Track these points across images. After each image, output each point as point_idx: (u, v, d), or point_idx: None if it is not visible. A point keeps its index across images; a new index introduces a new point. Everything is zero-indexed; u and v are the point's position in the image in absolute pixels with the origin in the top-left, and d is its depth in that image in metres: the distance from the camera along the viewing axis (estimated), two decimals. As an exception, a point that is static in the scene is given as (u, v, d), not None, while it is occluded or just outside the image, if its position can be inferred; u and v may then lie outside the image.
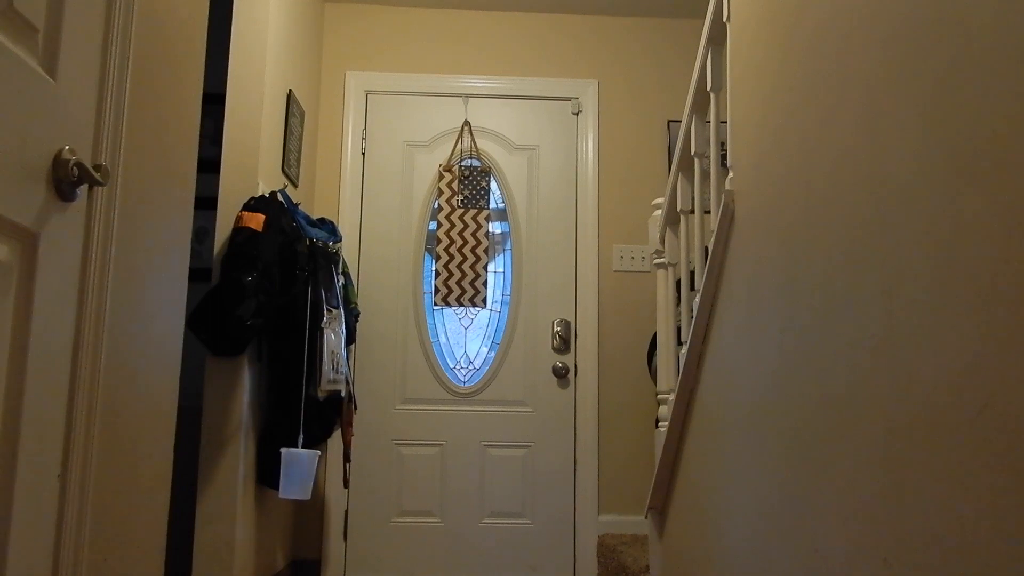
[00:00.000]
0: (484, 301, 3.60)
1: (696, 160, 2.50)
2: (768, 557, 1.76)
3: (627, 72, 3.92)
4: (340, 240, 3.14)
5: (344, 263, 3.22)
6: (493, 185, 3.75)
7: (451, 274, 3.59)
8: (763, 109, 1.94)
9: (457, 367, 3.67)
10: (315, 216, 3.14)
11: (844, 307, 1.42)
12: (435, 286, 3.60)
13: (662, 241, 2.80)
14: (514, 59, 3.89)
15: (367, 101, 3.79)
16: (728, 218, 2.10)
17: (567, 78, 3.89)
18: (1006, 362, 0.96)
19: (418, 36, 3.86)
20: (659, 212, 2.83)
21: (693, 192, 2.57)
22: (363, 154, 3.75)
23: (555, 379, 3.61)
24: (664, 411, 2.60)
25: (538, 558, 3.50)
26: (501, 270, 3.73)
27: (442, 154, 3.76)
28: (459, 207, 3.65)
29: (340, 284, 3.03)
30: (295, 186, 3.23)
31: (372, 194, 3.72)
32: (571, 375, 3.61)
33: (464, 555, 3.49)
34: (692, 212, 2.59)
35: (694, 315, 2.30)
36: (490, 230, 3.67)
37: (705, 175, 2.45)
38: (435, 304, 3.60)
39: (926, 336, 1.14)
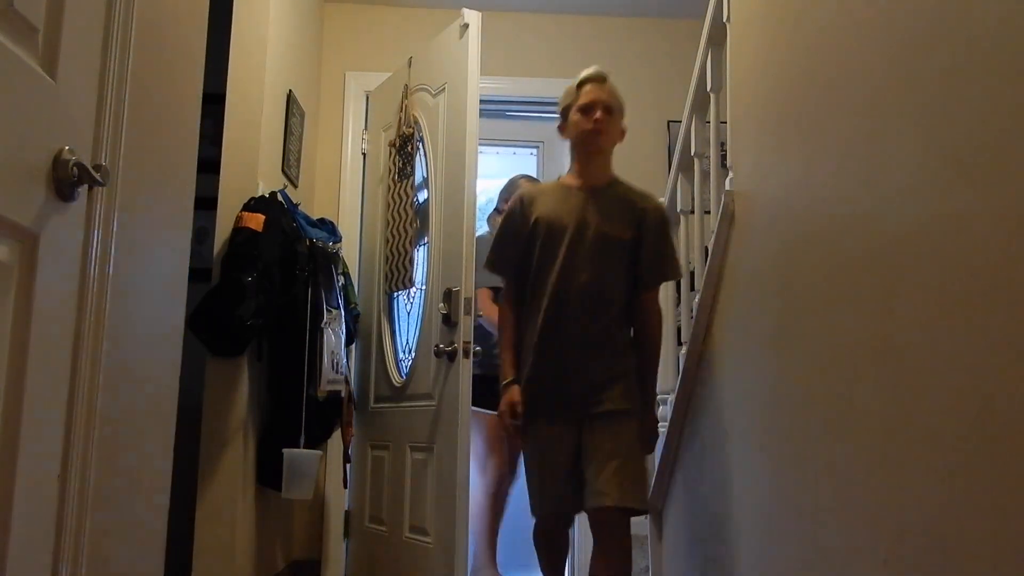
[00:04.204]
0: (411, 280, 3.13)
1: (696, 160, 2.50)
2: (768, 557, 1.76)
3: (627, 72, 3.90)
4: (340, 240, 3.13)
5: (344, 263, 3.21)
6: (420, 149, 3.22)
7: (393, 256, 3.27)
8: (763, 109, 1.94)
9: (402, 359, 3.24)
10: (315, 216, 3.13)
11: (844, 307, 1.42)
12: (384, 272, 3.29)
13: (662, 241, 2.79)
14: (514, 59, 3.88)
15: (367, 101, 3.78)
16: (728, 218, 2.10)
17: (567, 78, 3.88)
18: (1007, 362, 0.96)
19: (418, 36, 3.85)
20: (659, 212, 2.82)
21: (693, 192, 2.57)
22: (363, 154, 3.74)
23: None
24: (664, 411, 2.59)
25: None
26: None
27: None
28: (395, 183, 3.28)
29: (340, 284, 3.03)
30: (295, 186, 3.23)
31: (372, 194, 3.70)
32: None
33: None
34: (692, 212, 2.59)
35: (694, 315, 2.30)
36: (417, 200, 3.19)
37: (705, 175, 2.45)
38: (385, 291, 3.30)
39: (926, 335, 1.14)
